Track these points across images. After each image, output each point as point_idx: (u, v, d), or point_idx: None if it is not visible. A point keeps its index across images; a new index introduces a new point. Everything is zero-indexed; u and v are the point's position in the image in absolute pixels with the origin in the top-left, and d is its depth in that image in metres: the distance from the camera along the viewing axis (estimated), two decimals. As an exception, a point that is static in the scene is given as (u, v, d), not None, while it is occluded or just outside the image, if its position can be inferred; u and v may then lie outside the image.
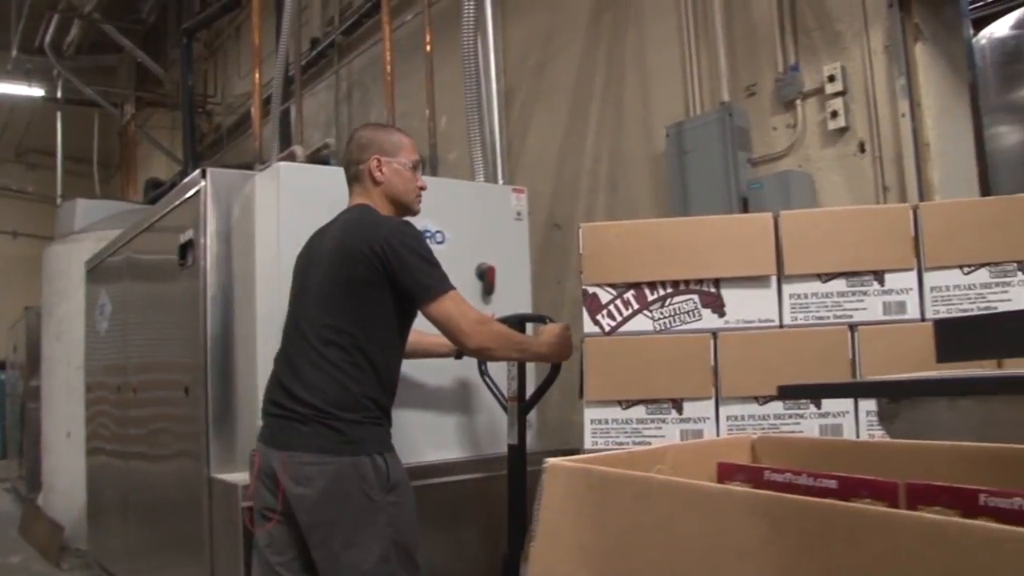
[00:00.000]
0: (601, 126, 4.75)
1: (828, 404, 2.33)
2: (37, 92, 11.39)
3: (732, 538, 0.65)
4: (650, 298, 2.47)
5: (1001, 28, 5.91)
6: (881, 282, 2.35)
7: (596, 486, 0.82)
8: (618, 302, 2.49)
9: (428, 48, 4.84)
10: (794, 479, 0.95)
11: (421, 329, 2.64)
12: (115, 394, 4.66)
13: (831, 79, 3.57)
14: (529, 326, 3.02)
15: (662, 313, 2.46)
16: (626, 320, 2.49)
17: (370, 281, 2.40)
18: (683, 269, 2.45)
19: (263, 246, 3.20)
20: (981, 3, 6.86)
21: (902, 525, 0.56)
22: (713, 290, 2.43)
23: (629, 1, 4.62)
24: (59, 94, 10.99)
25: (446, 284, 2.40)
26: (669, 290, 2.46)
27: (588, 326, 2.49)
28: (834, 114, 3.55)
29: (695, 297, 2.44)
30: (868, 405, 2.25)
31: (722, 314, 2.42)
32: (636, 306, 2.48)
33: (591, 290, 2.52)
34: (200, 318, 3.23)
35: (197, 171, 3.35)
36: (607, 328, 2.49)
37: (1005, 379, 1.25)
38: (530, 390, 3.07)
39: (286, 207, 3.06)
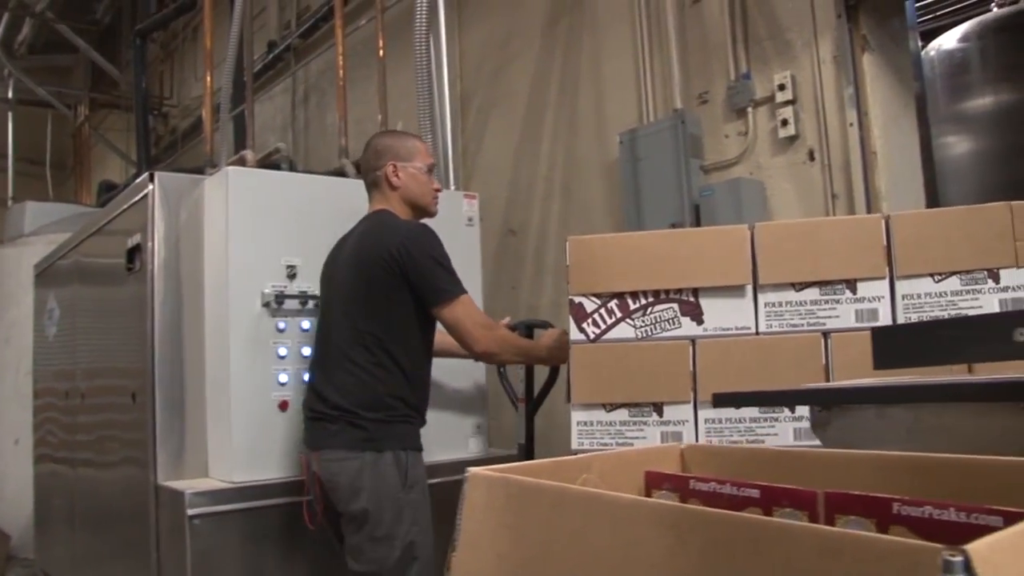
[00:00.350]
0: (556, 132, 4.77)
1: (802, 408, 2.37)
2: (-13, 92, 11.20)
3: (641, 549, 0.65)
4: (632, 307, 2.57)
5: (949, 40, 6.04)
6: (854, 290, 2.41)
7: (514, 496, 0.82)
8: (602, 311, 2.59)
9: (381, 53, 4.82)
10: (718, 488, 0.96)
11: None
12: (63, 400, 4.59)
13: (781, 88, 3.61)
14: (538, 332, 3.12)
15: (643, 321, 2.55)
16: (610, 328, 2.58)
17: (390, 284, 2.52)
18: (663, 279, 2.55)
19: (211, 251, 3.18)
20: (930, 15, 7.01)
21: (800, 538, 0.56)
22: (692, 299, 2.53)
23: (584, 8, 4.64)
24: (10, 94, 10.80)
25: (458, 289, 2.54)
26: (650, 299, 2.55)
27: (574, 333, 2.58)
28: (784, 122, 3.59)
29: (675, 306, 2.53)
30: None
31: (700, 322, 2.51)
32: (619, 314, 2.57)
33: (577, 300, 2.61)
34: (147, 323, 3.19)
35: (145, 175, 3.31)
36: (592, 335, 2.58)
37: (930, 387, 1.26)
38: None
39: (235, 212, 3.04)
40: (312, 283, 3.13)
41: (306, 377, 2.96)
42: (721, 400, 1.33)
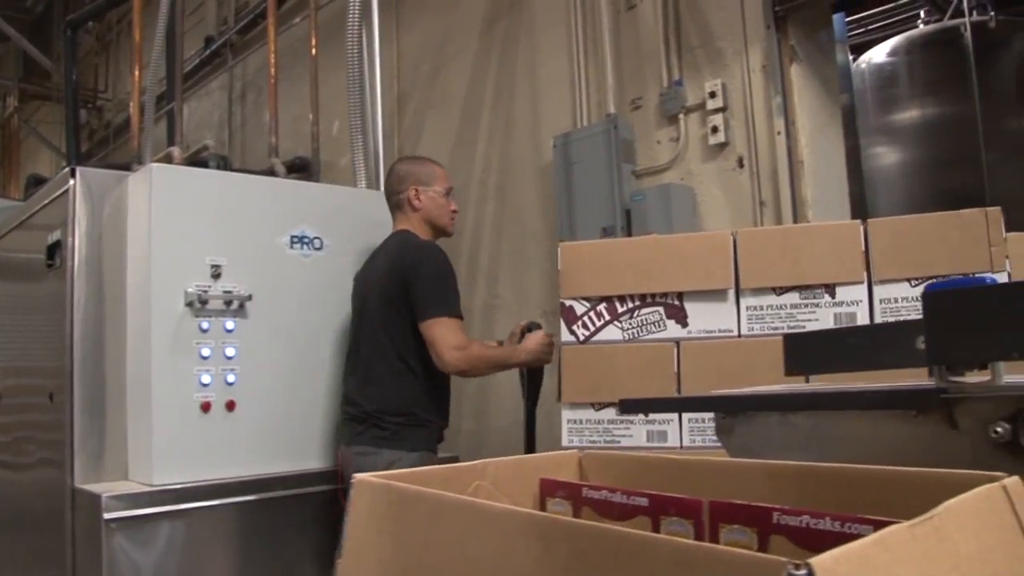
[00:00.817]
0: (491, 135, 4.76)
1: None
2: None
3: (513, 559, 0.65)
4: (620, 310, 2.68)
5: (879, 54, 6.18)
6: (832, 295, 2.49)
7: (395, 503, 0.81)
8: (592, 314, 2.71)
9: (313, 52, 4.77)
10: (609, 496, 0.96)
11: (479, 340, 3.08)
12: (-21, 400, 4.46)
13: (712, 95, 3.65)
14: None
15: (630, 324, 2.66)
16: (599, 330, 2.69)
17: (404, 298, 2.82)
18: (650, 283, 2.66)
19: (134, 249, 3.12)
20: (862, 29, 7.16)
21: (657, 550, 0.56)
22: (677, 303, 2.63)
23: (522, 11, 4.64)
24: (-63, 83, 10.50)
25: (444, 310, 2.78)
26: (637, 303, 2.67)
27: (565, 335, 2.70)
28: (715, 129, 3.62)
29: (660, 309, 2.64)
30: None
31: (685, 324, 2.62)
32: (607, 317, 2.69)
33: (568, 303, 2.74)
34: (67, 321, 3.12)
35: (67, 169, 3.23)
36: (581, 337, 2.70)
37: (827, 395, 1.28)
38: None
39: (158, 209, 2.99)
40: (238, 282, 3.10)
41: (230, 379, 3.07)
42: (628, 407, 1.34)
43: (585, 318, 2.70)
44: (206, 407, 3.02)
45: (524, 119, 4.57)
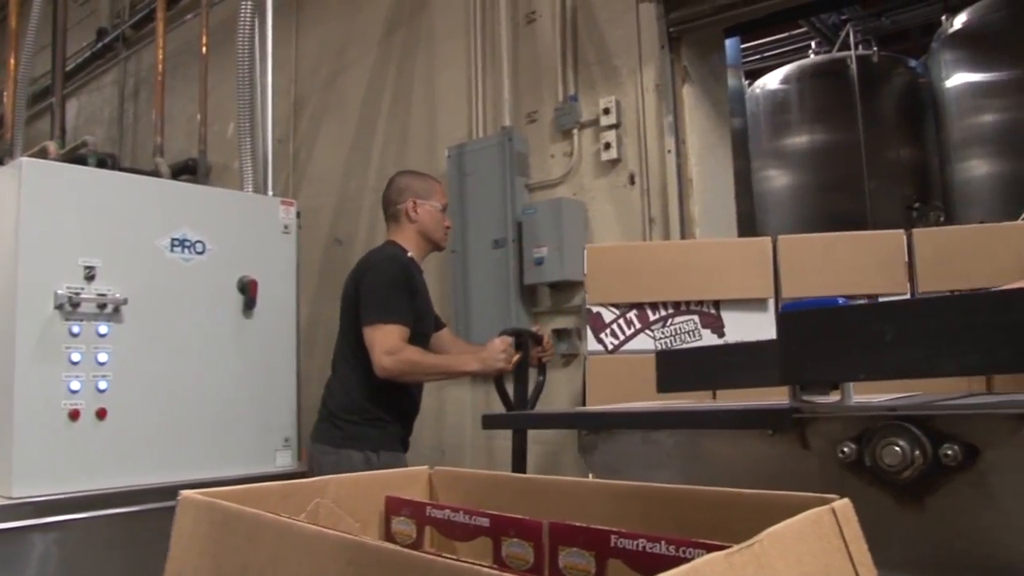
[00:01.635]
0: (387, 143, 4.71)
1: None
2: None
3: (324, 585, 0.62)
4: (652, 318, 2.52)
5: (772, 81, 6.37)
6: None
7: (217, 522, 0.76)
8: (621, 321, 2.56)
9: (204, 50, 4.65)
10: (452, 516, 0.93)
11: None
12: None
13: (606, 112, 3.67)
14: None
15: (663, 332, 2.51)
16: (629, 339, 2.54)
17: (358, 304, 2.93)
18: (684, 290, 2.51)
19: (1, 246, 2.97)
20: (757, 56, 7.36)
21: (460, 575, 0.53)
22: (713, 311, 2.49)
23: (422, 20, 4.61)
24: None
25: (384, 316, 2.84)
26: (671, 310, 2.52)
27: (592, 344, 2.54)
28: (607, 146, 3.65)
29: (695, 318, 2.50)
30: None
31: (722, 334, 2.48)
32: (638, 325, 2.53)
33: (595, 309, 2.58)
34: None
35: (-73, 161, 3.07)
36: (610, 347, 2.53)
37: (686, 413, 1.28)
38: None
39: (27, 206, 2.86)
40: (114, 285, 2.98)
41: (101, 385, 2.97)
42: (489, 422, 1.32)
43: (614, 326, 2.55)
44: (75, 415, 2.89)
45: (420, 128, 4.53)
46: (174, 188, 3.43)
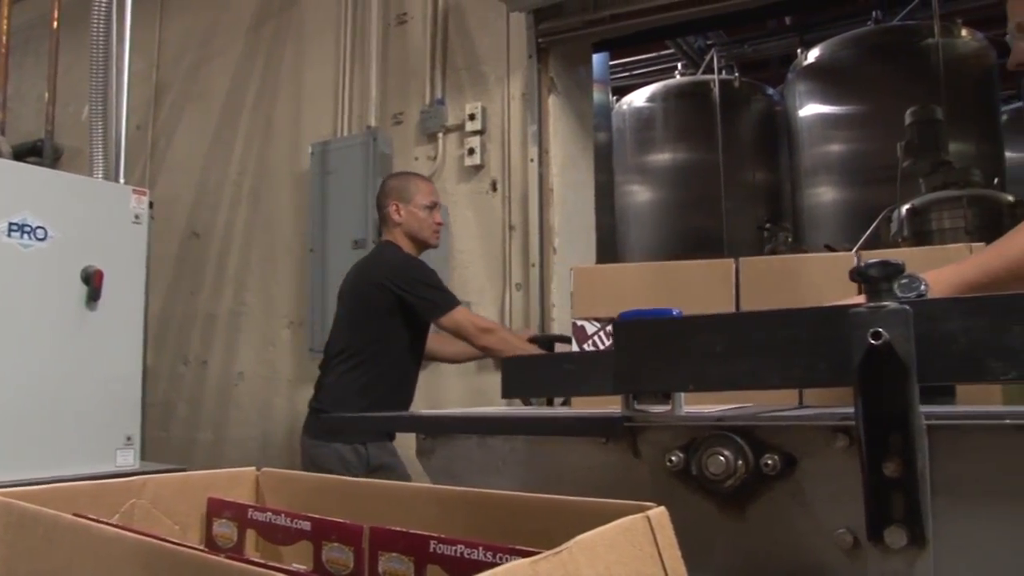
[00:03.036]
0: (250, 137, 4.59)
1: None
2: None
3: (119, 588, 0.59)
4: None
5: (639, 98, 6.52)
6: None
7: (14, 524, 0.72)
8: (601, 333, 2.61)
9: (55, 24, 4.42)
10: (274, 519, 0.91)
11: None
12: None
13: (472, 117, 3.69)
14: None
15: None
16: (609, 348, 2.63)
17: (378, 307, 3.00)
18: (655, 306, 2.60)
19: None
20: (626, 73, 7.53)
21: (256, 580, 0.52)
22: None
23: (292, 14, 4.52)
24: None
25: (451, 303, 2.98)
26: None
27: None
28: (471, 151, 3.67)
29: None
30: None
31: None
32: None
33: (579, 323, 2.69)
34: None
35: None
36: None
37: (520, 420, 1.29)
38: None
39: None
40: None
41: None
42: (324, 427, 1.30)
43: (595, 337, 2.59)
44: None
45: (285, 124, 4.44)
46: (14, 169, 3.24)
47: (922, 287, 1.16)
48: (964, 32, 5.60)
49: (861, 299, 0.95)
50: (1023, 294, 0.84)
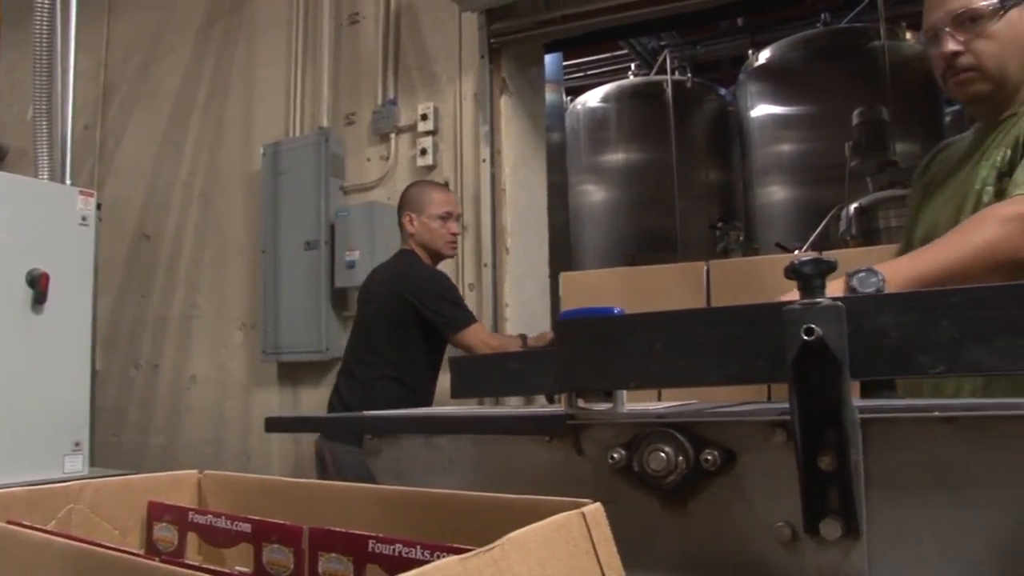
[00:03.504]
0: (201, 137, 4.55)
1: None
2: None
3: (47, 594, 0.58)
4: None
5: (593, 98, 6.55)
6: None
7: (-58, 531, 0.71)
8: None
9: (-2, 22, 4.34)
10: (215, 521, 0.91)
11: None
12: None
13: (424, 118, 3.69)
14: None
15: None
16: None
17: (399, 319, 3.05)
18: (635, 307, 2.71)
19: None
20: (580, 73, 7.55)
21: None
22: None
23: (243, 13, 4.48)
24: None
25: (466, 321, 3.03)
26: None
27: None
28: (424, 151, 3.66)
29: None
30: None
31: None
32: None
33: None
34: None
35: None
36: None
37: (466, 419, 1.30)
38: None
39: None
40: None
41: None
42: (272, 425, 1.30)
43: None
44: None
45: (236, 124, 4.40)
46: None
47: (880, 282, 1.17)
48: (909, 35, 5.69)
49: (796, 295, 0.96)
50: (951, 290, 0.86)
